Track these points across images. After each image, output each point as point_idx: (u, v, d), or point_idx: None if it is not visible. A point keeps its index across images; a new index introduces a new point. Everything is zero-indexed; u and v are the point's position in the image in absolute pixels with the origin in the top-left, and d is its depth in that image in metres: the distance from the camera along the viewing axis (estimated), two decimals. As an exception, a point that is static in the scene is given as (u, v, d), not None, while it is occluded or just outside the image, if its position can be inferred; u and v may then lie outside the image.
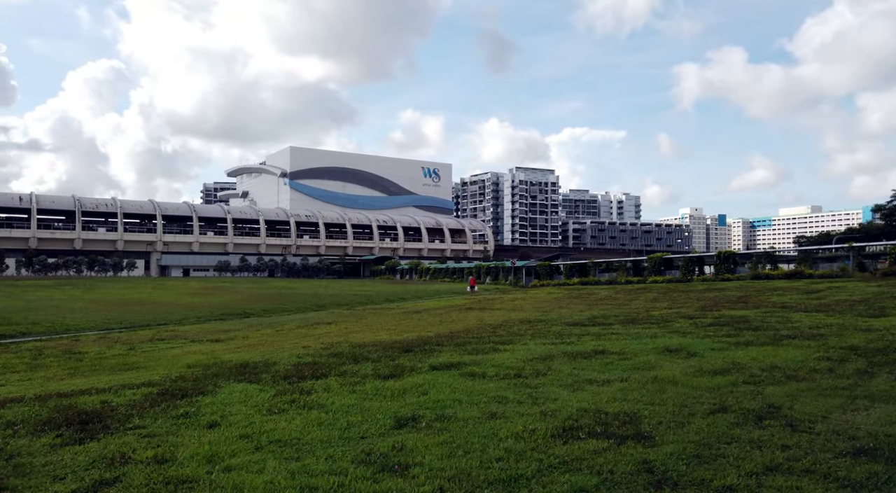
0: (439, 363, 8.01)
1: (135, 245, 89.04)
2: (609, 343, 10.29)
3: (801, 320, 15.46)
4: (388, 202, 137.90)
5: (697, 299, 26.48)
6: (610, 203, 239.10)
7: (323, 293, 34.97)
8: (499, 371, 7.41)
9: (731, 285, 34.82)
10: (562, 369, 7.52)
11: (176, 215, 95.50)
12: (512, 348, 9.83)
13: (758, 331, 13.07)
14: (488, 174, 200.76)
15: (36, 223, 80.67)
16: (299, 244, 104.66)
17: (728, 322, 15.24)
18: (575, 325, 15.97)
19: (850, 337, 11.01)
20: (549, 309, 23.16)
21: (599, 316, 19.01)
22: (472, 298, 32.53)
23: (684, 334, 12.35)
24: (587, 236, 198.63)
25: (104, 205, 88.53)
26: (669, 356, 8.64)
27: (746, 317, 16.71)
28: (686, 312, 19.74)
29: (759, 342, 10.38)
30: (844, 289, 26.98)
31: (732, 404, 5.63)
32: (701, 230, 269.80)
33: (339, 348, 10.39)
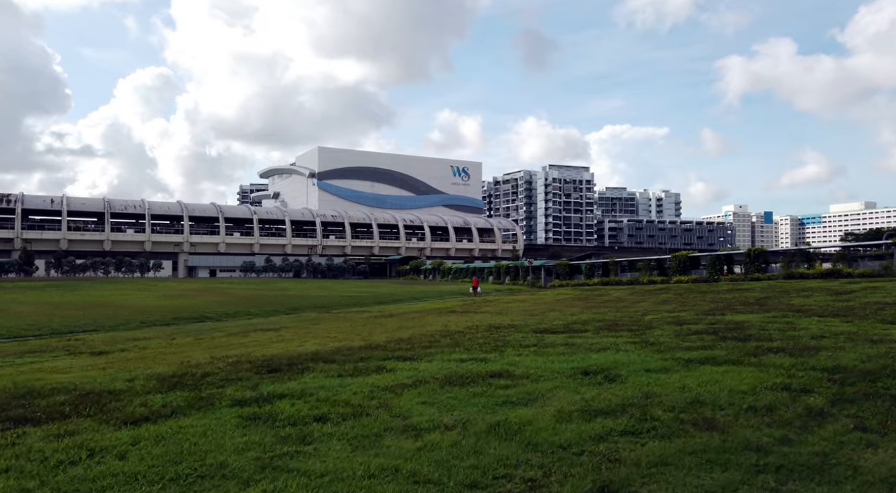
0: (247, 398, 6.13)
1: (162, 246, 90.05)
2: (529, 360, 8.28)
3: (808, 326, 13.05)
4: (416, 202, 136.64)
5: (711, 301, 24.04)
6: (648, 201, 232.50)
7: (314, 295, 33.52)
8: (299, 411, 5.52)
9: (757, 286, 32.06)
10: (398, 406, 5.60)
11: (203, 216, 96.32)
12: (399, 368, 7.93)
13: (744, 342, 10.84)
14: (521, 173, 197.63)
15: (66, 225, 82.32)
16: (325, 245, 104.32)
17: (719, 330, 12.96)
18: (542, 332, 13.91)
19: (847, 352, 8.71)
20: (538, 313, 21.03)
21: (582, 321, 16.87)
22: (467, 300, 30.54)
23: (643, 346, 10.19)
24: (624, 235, 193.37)
25: (132, 206, 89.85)
26: (575, 382, 6.59)
27: (746, 323, 14.37)
28: (684, 316, 17.40)
29: (723, 359, 8.18)
30: (881, 290, 24.23)
31: (547, 481, 3.65)
32: (745, 228, 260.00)
33: (211, 366, 8.69)
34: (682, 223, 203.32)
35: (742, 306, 20.32)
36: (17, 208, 79.38)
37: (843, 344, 9.84)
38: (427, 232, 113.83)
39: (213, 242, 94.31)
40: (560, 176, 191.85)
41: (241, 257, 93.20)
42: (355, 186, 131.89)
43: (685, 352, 9.18)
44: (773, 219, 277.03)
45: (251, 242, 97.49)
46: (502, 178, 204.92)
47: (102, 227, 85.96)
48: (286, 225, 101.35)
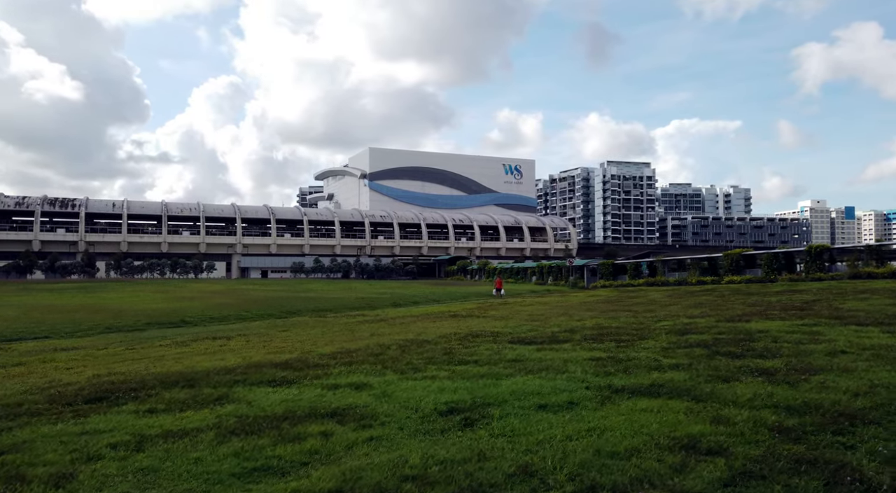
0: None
1: (216, 247, 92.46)
2: (406, 389, 6.62)
3: (836, 338, 10.75)
4: (468, 201, 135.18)
5: (750, 304, 21.47)
6: (715, 197, 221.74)
7: (330, 297, 32.39)
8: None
9: (815, 287, 28.86)
10: (84, 485, 4.08)
11: (256, 218, 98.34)
12: (239, 398, 6.47)
13: (736, 358, 8.86)
14: (578, 170, 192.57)
15: (126, 228, 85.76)
16: (374, 245, 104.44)
17: (720, 342, 10.86)
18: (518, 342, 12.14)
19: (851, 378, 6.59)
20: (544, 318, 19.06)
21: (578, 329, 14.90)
22: (486, 303, 28.71)
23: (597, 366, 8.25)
24: (688, 233, 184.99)
25: (188, 209, 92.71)
26: (412, 429, 4.90)
27: (762, 333, 12.12)
28: (700, 323, 15.21)
29: (673, 388, 6.24)
30: None
31: None
32: (824, 225, 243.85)
33: (44, 393, 7.51)
34: (752, 220, 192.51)
35: (779, 311, 17.71)
36: (80, 212, 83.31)
37: (858, 364, 7.62)
38: (477, 231, 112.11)
39: (264, 244, 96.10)
40: (619, 172, 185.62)
41: (292, 257, 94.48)
42: (406, 186, 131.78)
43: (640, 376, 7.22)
44: (854, 214, 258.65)
45: (301, 243, 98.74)
46: (559, 175, 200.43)
47: (160, 229, 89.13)
48: (335, 226, 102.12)
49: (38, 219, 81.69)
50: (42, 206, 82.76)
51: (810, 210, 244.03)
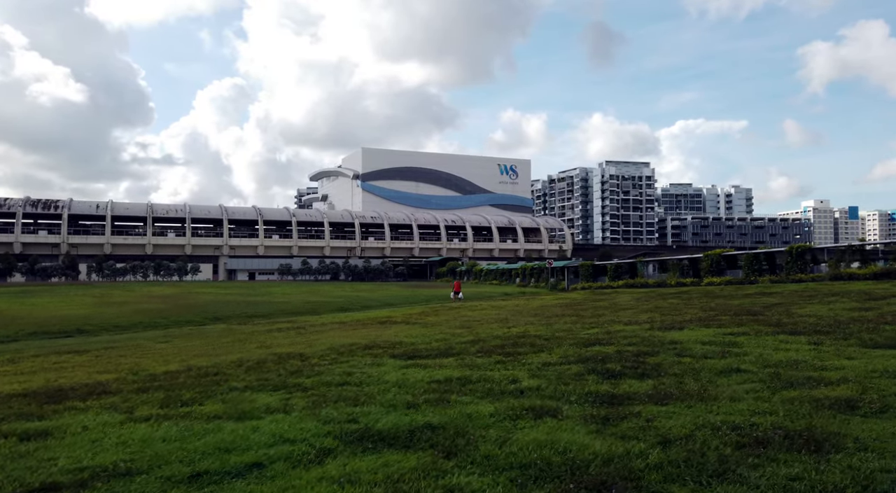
0: None
1: (202, 249, 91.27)
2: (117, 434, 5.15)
3: (749, 352, 9.38)
4: (462, 202, 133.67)
5: (709, 308, 20.07)
6: (717, 197, 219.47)
7: (280, 301, 30.98)
8: None
9: (789, 289, 27.41)
10: None
11: (243, 220, 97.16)
12: None
13: (609, 378, 7.55)
14: (577, 170, 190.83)
15: (110, 229, 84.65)
16: (364, 246, 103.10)
17: (618, 357, 9.34)
18: (402, 357, 10.65)
19: (685, 415, 5.08)
20: (479, 324, 17.59)
21: (496, 337, 13.43)
22: (433, 308, 27.22)
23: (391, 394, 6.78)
24: (688, 234, 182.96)
25: (174, 210, 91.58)
26: None
27: (679, 344, 10.66)
28: (629, 331, 13.83)
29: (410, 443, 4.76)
30: None
31: None
32: (827, 225, 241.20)
33: None
34: (753, 220, 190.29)
35: (729, 316, 16.20)
36: (63, 214, 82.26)
37: (733, 389, 6.19)
38: (469, 232, 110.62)
39: (251, 245, 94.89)
40: (618, 172, 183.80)
41: (280, 259, 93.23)
42: (399, 186, 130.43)
43: (451, 409, 5.75)
44: (858, 214, 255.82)
45: (290, 244, 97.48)
46: (557, 176, 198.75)
47: (146, 231, 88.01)
48: (325, 227, 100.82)
49: (20, 220, 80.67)
50: (24, 207, 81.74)
51: (813, 210, 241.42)
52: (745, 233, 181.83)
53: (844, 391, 5.96)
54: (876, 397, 5.57)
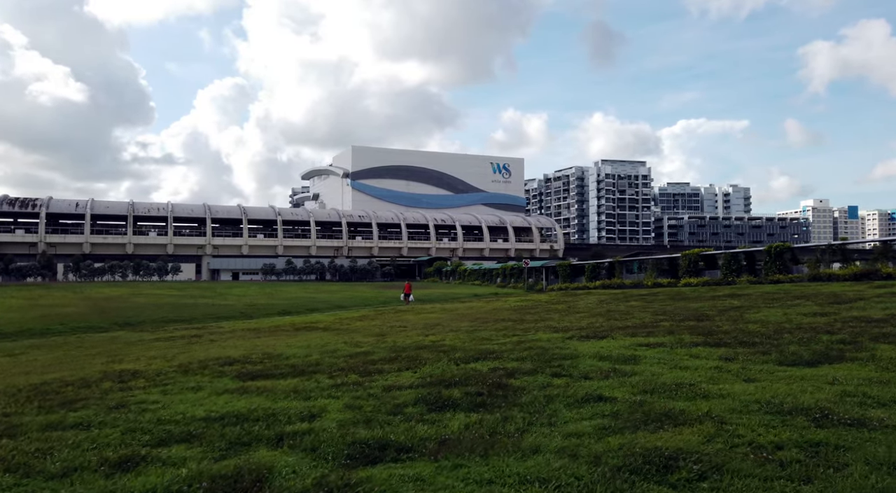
0: None
1: (185, 249, 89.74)
2: None
3: (640, 372, 7.61)
4: (454, 201, 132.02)
5: (660, 312, 18.63)
6: (714, 197, 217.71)
7: (223, 304, 29.40)
8: None
9: (760, 291, 25.88)
10: None
11: (228, 218, 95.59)
12: None
13: (436, 412, 5.67)
14: (572, 169, 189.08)
15: (89, 228, 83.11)
16: (351, 246, 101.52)
17: (459, 380, 7.73)
18: (240, 377, 9.05)
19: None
20: (398, 332, 16.02)
21: (390, 348, 11.84)
22: (375, 311, 25.63)
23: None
24: (684, 233, 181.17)
25: (156, 209, 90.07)
26: None
27: (571, 359, 9.00)
28: (542, 338, 12.15)
29: None
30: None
31: None
32: (826, 224, 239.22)
33: None
34: (751, 220, 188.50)
35: (674, 321, 14.66)
36: (41, 213, 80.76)
37: (567, 428, 4.61)
38: (459, 232, 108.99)
39: (235, 245, 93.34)
40: (613, 171, 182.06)
41: (265, 259, 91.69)
42: (390, 185, 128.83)
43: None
44: (858, 214, 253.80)
45: (275, 243, 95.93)
46: (553, 175, 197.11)
47: (126, 230, 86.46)
48: (311, 226, 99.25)
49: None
50: (1, 205, 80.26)
51: (812, 210, 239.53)
52: (742, 233, 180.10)
53: (688, 438, 4.40)
54: (713, 451, 4.02)
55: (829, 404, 5.39)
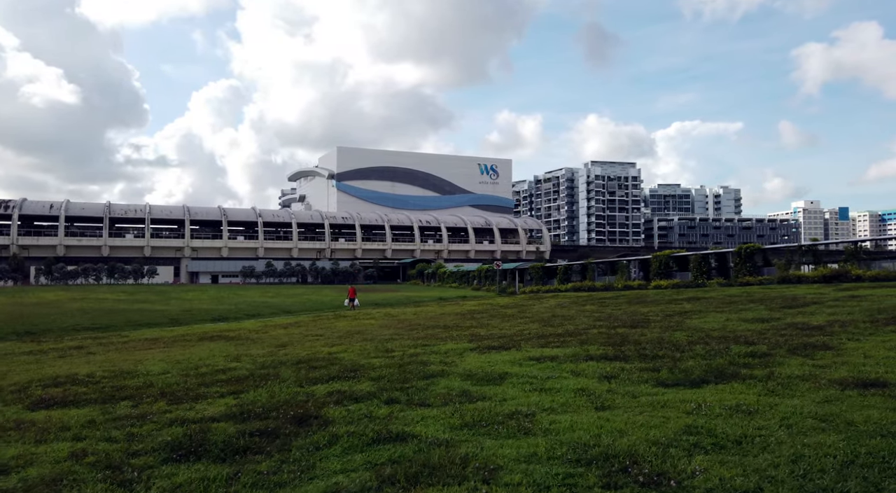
0: None
1: (163, 251, 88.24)
2: None
3: (507, 397, 6.40)
4: (441, 202, 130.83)
5: (602, 318, 17.46)
6: (705, 198, 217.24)
7: (152, 310, 27.93)
8: None
9: (722, 294, 24.86)
10: None
11: (207, 220, 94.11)
12: None
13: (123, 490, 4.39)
14: (562, 170, 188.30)
15: (63, 230, 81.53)
16: (334, 248, 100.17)
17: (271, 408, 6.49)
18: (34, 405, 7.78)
19: None
20: (302, 342, 14.78)
21: (259, 357, 10.56)
22: (312, 317, 24.37)
23: None
24: (674, 234, 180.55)
25: (133, 211, 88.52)
26: None
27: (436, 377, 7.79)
28: (436, 350, 10.89)
29: None
30: (863, 299, 17.06)
31: None
32: (816, 225, 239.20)
33: None
34: (741, 221, 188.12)
35: (607, 328, 13.48)
36: (14, 214, 79.15)
37: None
38: (444, 233, 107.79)
39: (215, 247, 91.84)
40: (603, 173, 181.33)
41: (245, 261, 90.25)
42: (376, 186, 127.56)
43: None
44: (849, 215, 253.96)
45: (255, 246, 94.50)
46: (543, 176, 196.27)
47: (102, 232, 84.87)
48: (293, 228, 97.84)
49: (-32, 222, 77.61)
50: (-27, 208, 78.66)
51: (803, 211, 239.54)
52: (732, 234, 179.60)
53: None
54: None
55: (650, 449, 4.22)
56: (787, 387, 6.17)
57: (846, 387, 5.94)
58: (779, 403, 5.47)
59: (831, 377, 6.45)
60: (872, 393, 5.63)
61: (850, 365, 7.14)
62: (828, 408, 5.17)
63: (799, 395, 5.80)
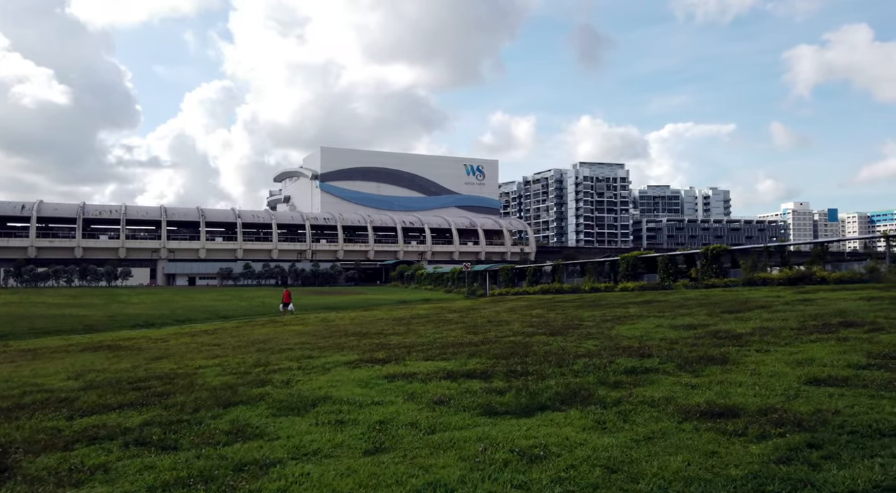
0: None
1: (139, 252, 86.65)
2: None
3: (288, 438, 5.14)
4: (426, 203, 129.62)
5: (535, 324, 16.37)
6: (694, 199, 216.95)
7: (50, 314, 26.41)
8: None
9: (682, 297, 23.94)
10: None
11: (185, 221, 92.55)
12: None
13: None
14: (551, 171, 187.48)
15: (35, 232, 79.85)
16: (315, 249, 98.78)
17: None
18: None
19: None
20: (190, 354, 13.56)
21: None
22: (240, 323, 23.10)
23: None
24: (663, 235, 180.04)
25: (108, 211, 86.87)
26: None
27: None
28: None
29: None
30: (814, 303, 16.12)
31: None
32: (806, 227, 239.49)
33: None
34: (730, 222, 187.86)
35: (530, 334, 12.35)
36: (-17, 215, 77.52)
37: None
38: (427, 234, 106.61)
39: (192, 248, 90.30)
40: (592, 174, 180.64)
41: (224, 263, 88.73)
42: (360, 187, 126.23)
43: None
44: (838, 216, 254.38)
45: (234, 247, 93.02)
46: (532, 177, 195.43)
47: (75, 233, 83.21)
48: (272, 229, 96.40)
49: (-64, 223, 75.82)
50: (-59, 208, 76.88)
51: (792, 212, 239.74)
52: (720, 235, 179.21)
53: None
54: None
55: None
56: (627, 416, 5.03)
57: (691, 417, 4.81)
58: (588, 441, 4.34)
59: (688, 403, 5.32)
60: (708, 427, 4.51)
61: (723, 385, 6.02)
62: (636, 451, 4.05)
63: (627, 429, 4.66)
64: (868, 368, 6.48)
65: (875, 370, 6.27)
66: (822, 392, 5.49)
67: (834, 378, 6.00)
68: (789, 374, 6.45)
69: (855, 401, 5.05)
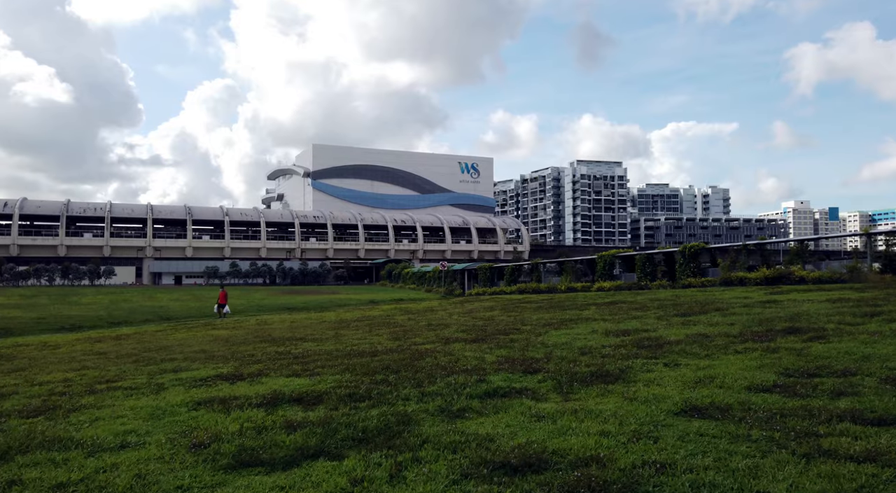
0: None
1: (124, 251, 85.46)
2: None
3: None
4: (420, 201, 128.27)
5: (475, 329, 15.13)
6: (693, 198, 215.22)
7: (12, 317, 25.16)
8: None
9: (650, 297, 22.79)
10: None
11: (172, 219, 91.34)
12: None
13: None
14: (548, 170, 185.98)
15: (17, 229, 78.70)
16: (304, 247, 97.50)
17: None
18: None
19: None
20: (82, 357, 12.25)
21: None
22: (168, 327, 21.77)
23: None
24: (661, 234, 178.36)
25: (93, 209, 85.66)
26: None
27: None
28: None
29: None
30: (778, 305, 14.91)
31: None
32: (806, 226, 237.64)
33: None
34: (729, 221, 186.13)
35: (444, 344, 11.04)
36: (-36, 213, 76.39)
37: None
38: (419, 233, 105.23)
39: (179, 247, 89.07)
40: (589, 172, 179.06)
41: (211, 261, 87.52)
42: (353, 185, 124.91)
43: None
44: (839, 215, 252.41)
45: (221, 245, 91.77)
46: (530, 175, 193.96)
47: (68, 231, 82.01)
48: (261, 227, 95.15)
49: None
50: (-78, 206, 75.73)
51: (793, 211, 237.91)
52: (719, 234, 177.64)
53: None
54: None
55: None
56: (401, 471, 3.70)
57: (481, 470, 3.50)
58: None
59: (500, 447, 4.01)
60: (486, 490, 3.18)
61: (576, 415, 4.73)
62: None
63: (398, 482, 3.33)
64: (770, 390, 5.16)
65: (773, 395, 4.96)
66: (682, 429, 4.20)
67: (715, 407, 4.69)
68: (671, 398, 5.14)
69: (703, 448, 3.75)
